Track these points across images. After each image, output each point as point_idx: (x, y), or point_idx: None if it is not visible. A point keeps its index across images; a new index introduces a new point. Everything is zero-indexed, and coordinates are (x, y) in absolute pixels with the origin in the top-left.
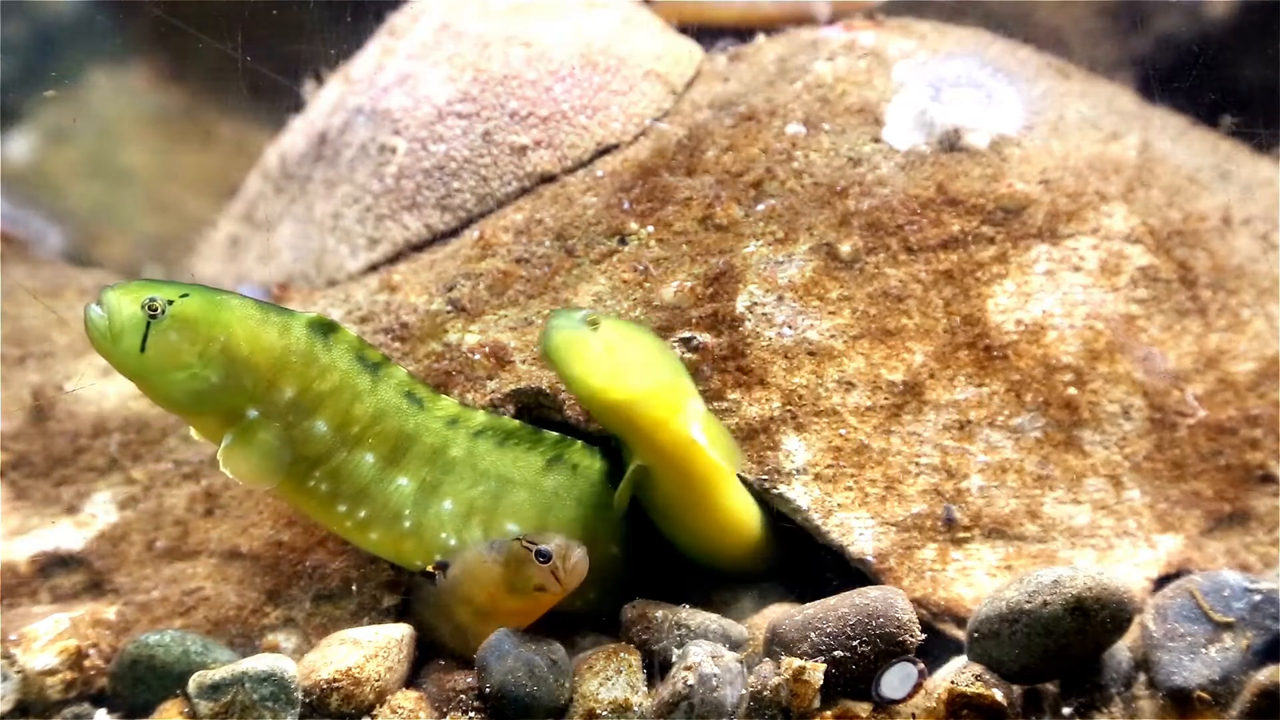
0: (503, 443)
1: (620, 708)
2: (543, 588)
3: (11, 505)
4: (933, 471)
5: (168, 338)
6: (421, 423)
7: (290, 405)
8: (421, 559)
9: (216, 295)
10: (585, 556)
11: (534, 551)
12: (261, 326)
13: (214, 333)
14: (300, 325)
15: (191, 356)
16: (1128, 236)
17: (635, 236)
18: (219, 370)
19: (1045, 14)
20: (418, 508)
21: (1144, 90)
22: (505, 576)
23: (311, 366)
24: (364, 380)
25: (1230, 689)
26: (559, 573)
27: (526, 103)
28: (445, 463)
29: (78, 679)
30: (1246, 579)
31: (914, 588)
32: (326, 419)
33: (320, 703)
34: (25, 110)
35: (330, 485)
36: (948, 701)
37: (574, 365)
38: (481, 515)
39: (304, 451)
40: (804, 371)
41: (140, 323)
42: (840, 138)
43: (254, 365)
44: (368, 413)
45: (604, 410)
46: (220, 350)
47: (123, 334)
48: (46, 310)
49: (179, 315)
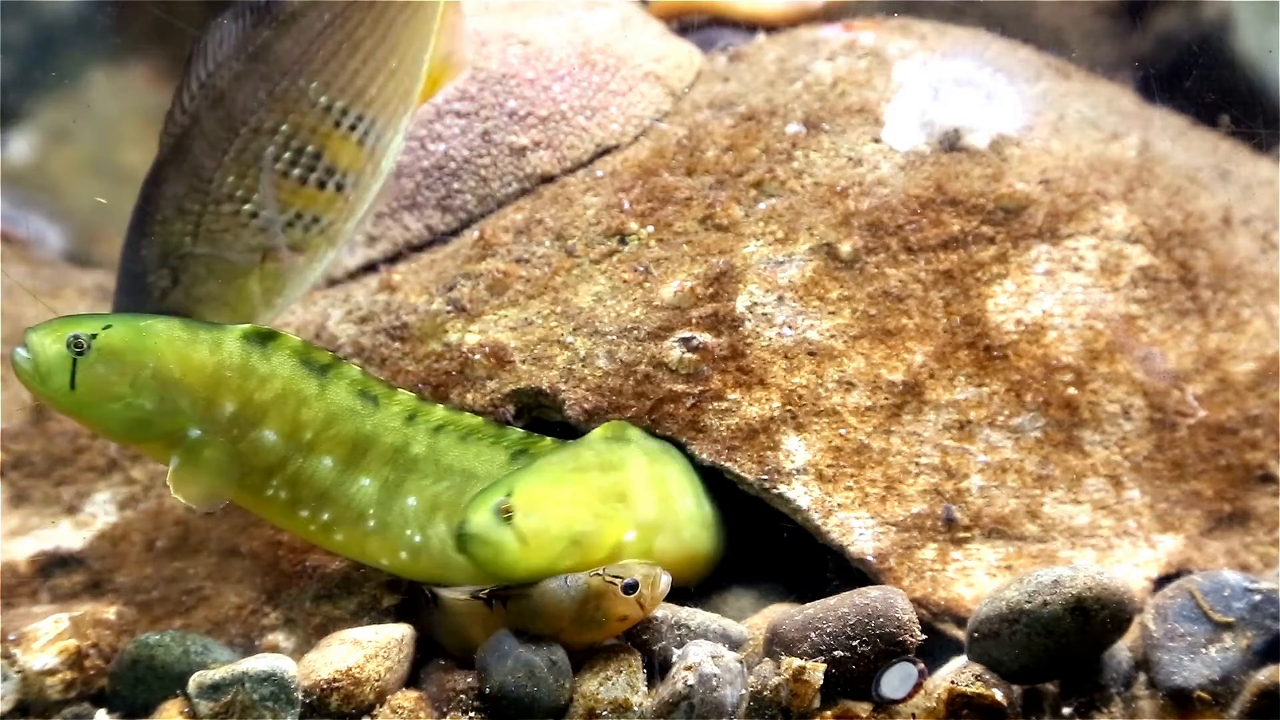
0: (465, 438)
1: (620, 708)
2: (626, 617)
3: (11, 505)
4: (933, 471)
5: (95, 371)
6: (380, 422)
7: (233, 419)
8: (386, 557)
9: (140, 322)
10: (669, 580)
11: (621, 586)
12: (190, 346)
13: (142, 359)
14: (233, 339)
15: (123, 387)
16: (1128, 236)
17: (635, 236)
18: (152, 396)
19: (1045, 14)
20: (381, 507)
21: (1144, 90)
22: (583, 613)
23: (249, 378)
24: (310, 385)
25: (1230, 689)
26: (644, 601)
27: (525, 102)
28: (407, 460)
29: (78, 679)
30: (1246, 579)
31: (914, 588)
32: (275, 428)
33: (320, 703)
34: (25, 110)
35: (290, 492)
36: (948, 701)
37: (492, 566)
38: (446, 510)
39: (256, 463)
40: (804, 371)
41: (66, 360)
42: (840, 138)
43: (188, 386)
44: (318, 417)
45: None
46: (151, 376)
47: (50, 374)
48: (46, 310)
49: (104, 348)
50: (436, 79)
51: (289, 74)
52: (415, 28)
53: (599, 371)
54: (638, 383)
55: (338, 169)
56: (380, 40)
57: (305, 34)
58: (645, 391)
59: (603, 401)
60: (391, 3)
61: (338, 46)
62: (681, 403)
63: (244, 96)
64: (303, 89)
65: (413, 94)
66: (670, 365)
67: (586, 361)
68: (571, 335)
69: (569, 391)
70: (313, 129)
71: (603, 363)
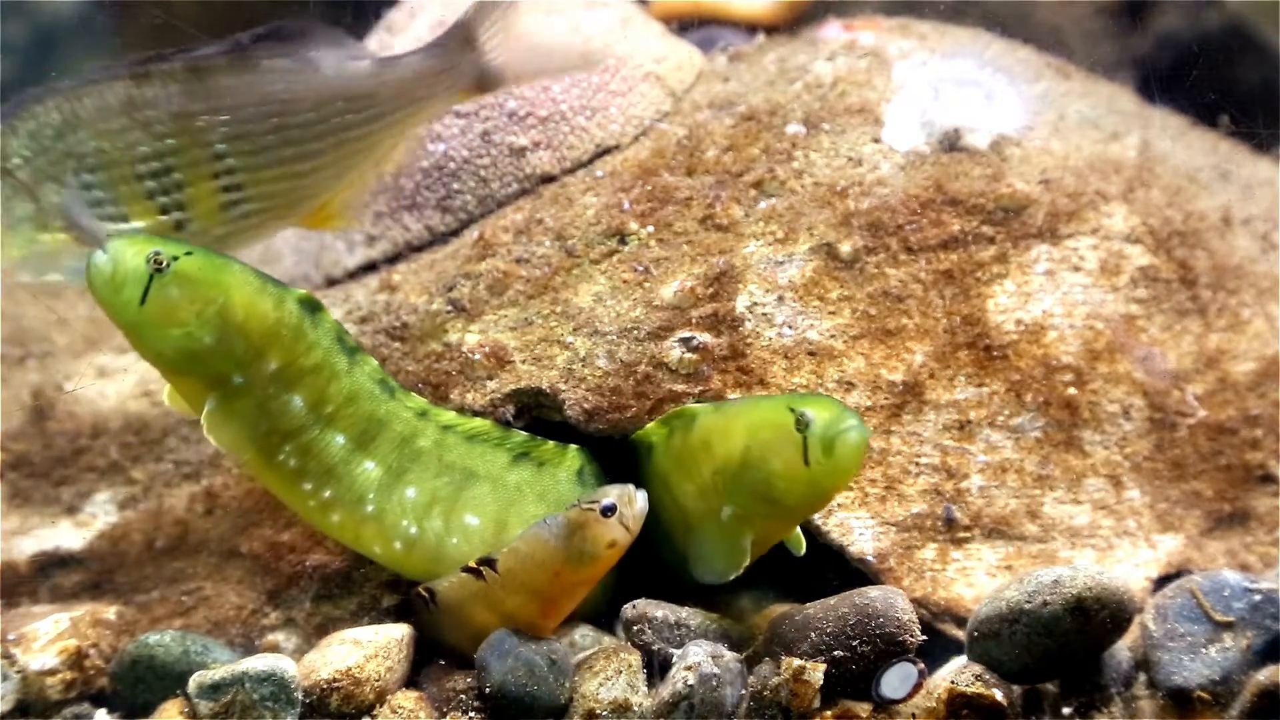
0: (471, 438)
1: (620, 708)
2: (614, 542)
3: (11, 505)
4: (933, 471)
5: (168, 293)
6: (392, 410)
7: (273, 377)
8: (380, 545)
9: (218, 257)
10: (645, 497)
11: (599, 509)
12: (259, 295)
13: (213, 294)
14: (292, 300)
15: (189, 315)
16: (1128, 236)
17: (635, 236)
18: (213, 332)
19: (1045, 14)
20: (381, 493)
21: (1144, 90)
22: (570, 548)
23: (299, 341)
24: (342, 361)
25: (1230, 689)
26: (627, 521)
27: (525, 103)
28: (413, 451)
29: (78, 679)
30: (1246, 579)
31: (914, 588)
32: (304, 395)
33: (320, 703)
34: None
35: (299, 461)
36: (948, 701)
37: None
38: (443, 505)
39: (279, 425)
40: (804, 371)
41: (143, 275)
42: (840, 138)
43: (247, 332)
44: (342, 393)
45: None
46: (216, 312)
47: (124, 284)
48: (46, 310)
49: (182, 272)
50: (321, 215)
51: (217, 102)
52: (344, 161)
53: (599, 371)
54: (638, 383)
55: (187, 209)
56: (310, 140)
57: (257, 85)
58: (645, 391)
59: (603, 401)
60: (350, 123)
61: (275, 114)
62: (681, 402)
63: (159, 91)
64: (216, 124)
65: (296, 207)
66: (670, 365)
67: (586, 361)
68: (571, 335)
69: (569, 391)
70: (194, 161)
71: (603, 363)
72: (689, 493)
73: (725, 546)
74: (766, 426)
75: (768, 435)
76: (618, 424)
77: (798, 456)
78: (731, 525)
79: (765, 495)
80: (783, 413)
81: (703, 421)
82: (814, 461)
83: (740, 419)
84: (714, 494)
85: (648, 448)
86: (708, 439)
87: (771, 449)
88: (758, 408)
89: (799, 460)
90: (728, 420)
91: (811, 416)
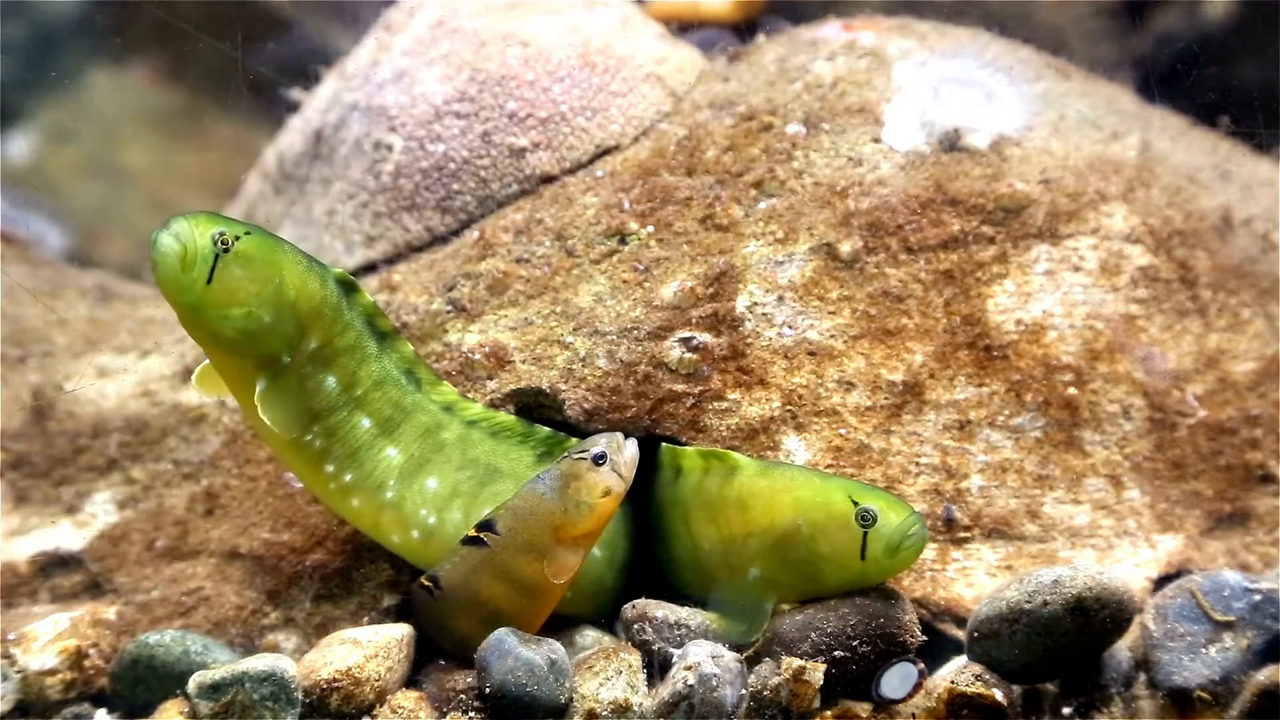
0: (496, 434)
1: (620, 708)
2: (609, 490)
3: (11, 505)
4: (933, 471)
5: (232, 272)
6: (419, 401)
7: (311, 355)
8: (398, 534)
9: (271, 237)
10: (635, 444)
11: (590, 458)
12: (307, 273)
13: (271, 274)
14: (332, 279)
15: (250, 295)
16: (1128, 236)
17: (635, 236)
18: (271, 311)
19: (1045, 14)
20: (402, 481)
21: (1144, 90)
22: (566, 501)
23: (338, 321)
24: (372, 345)
25: (1230, 689)
26: (619, 467)
27: (525, 104)
28: (436, 442)
29: (78, 679)
30: (1246, 579)
31: (914, 588)
32: (337, 375)
33: (320, 703)
34: (25, 110)
35: (324, 442)
36: (948, 701)
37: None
38: (464, 499)
39: (311, 403)
40: (804, 371)
41: (210, 255)
42: (840, 138)
43: (296, 310)
44: (372, 376)
45: None
46: (274, 291)
47: (193, 264)
48: (46, 310)
49: (244, 252)
50: None
51: None
52: None
53: (599, 371)
54: (638, 383)
55: None
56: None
57: None
58: (645, 391)
59: (603, 401)
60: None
61: None
62: (681, 402)
63: None
64: None
65: None
66: (670, 365)
67: (586, 361)
68: (571, 335)
69: (569, 391)
70: None
71: (603, 362)
72: (710, 536)
73: (749, 609)
74: (821, 511)
75: (821, 519)
76: (618, 424)
77: (853, 549)
78: (757, 587)
79: (806, 573)
80: (843, 501)
81: (744, 482)
82: (871, 559)
83: (789, 494)
84: (741, 552)
85: (675, 468)
86: (747, 501)
87: (825, 534)
88: (811, 485)
89: (854, 552)
90: (774, 491)
91: (876, 514)
